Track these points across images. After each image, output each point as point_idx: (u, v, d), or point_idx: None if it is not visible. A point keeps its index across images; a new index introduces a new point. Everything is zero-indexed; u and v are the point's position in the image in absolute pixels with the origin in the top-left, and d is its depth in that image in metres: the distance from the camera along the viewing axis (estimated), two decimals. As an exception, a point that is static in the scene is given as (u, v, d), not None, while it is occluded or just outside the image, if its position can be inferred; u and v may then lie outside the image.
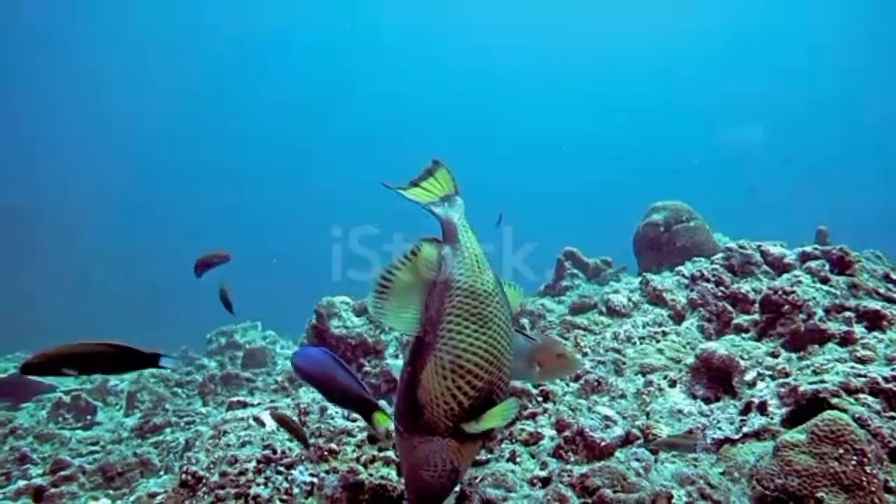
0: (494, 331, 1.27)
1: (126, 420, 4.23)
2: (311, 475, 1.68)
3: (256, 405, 2.14)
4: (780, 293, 2.48)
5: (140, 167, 25.87)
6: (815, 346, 2.26)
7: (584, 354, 2.59)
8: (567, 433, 1.92)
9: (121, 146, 25.23)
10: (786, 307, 2.44)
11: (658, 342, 2.68)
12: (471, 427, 1.24)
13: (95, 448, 3.62)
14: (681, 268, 3.24)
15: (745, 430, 1.83)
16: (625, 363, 2.51)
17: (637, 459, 1.74)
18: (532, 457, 1.89)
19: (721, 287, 2.97)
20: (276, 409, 1.87)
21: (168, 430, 3.78)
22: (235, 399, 2.47)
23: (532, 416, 2.14)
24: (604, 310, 3.12)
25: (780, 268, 3.03)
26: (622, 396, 2.20)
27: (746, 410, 1.94)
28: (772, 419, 1.84)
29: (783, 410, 1.85)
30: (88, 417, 4.27)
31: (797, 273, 2.67)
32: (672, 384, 2.25)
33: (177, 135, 26.75)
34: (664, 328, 2.81)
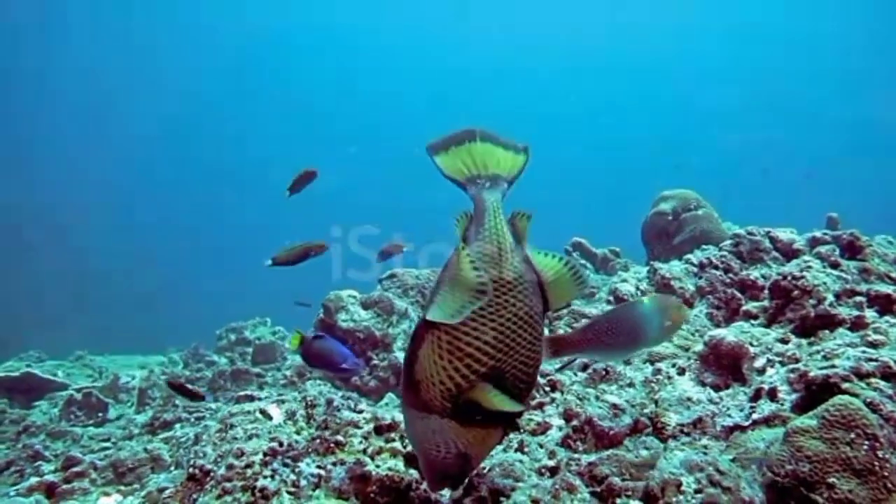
0: (507, 318, 1.24)
1: (137, 416, 4.27)
2: (318, 467, 1.67)
3: (263, 399, 2.14)
4: (790, 279, 2.44)
5: (140, 167, 25.98)
6: (826, 332, 2.23)
7: None
8: (575, 422, 1.91)
9: (121, 146, 25.33)
10: (795, 293, 2.41)
11: (666, 330, 2.65)
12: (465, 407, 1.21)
13: (107, 444, 3.66)
14: (689, 255, 3.21)
15: (755, 417, 1.81)
16: (633, 352, 2.49)
17: (646, 448, 1.72)
18: (540, 446, 1.88)
19: (730, 274, 2.94)
20: (174, 376, 1.88)
21: (178, 426, 3.80)
22: (243, 393, 2.48)
23: (540, 406, 2.13)
24: (612, 299, 3.10)
25: (790, 253, 2.99)
26: (630, 385, 2.18)
27: (756, 397, 1.92)
28: (782, 405, 1.81)
29: (793, 396, 1.82)
30: (100, 414, 4.31)
31: (807, 258, 2.63)
32: (681, 372, 2.23)
33: (177, 135, 26.82)
34: (673, 316, 2.78)
